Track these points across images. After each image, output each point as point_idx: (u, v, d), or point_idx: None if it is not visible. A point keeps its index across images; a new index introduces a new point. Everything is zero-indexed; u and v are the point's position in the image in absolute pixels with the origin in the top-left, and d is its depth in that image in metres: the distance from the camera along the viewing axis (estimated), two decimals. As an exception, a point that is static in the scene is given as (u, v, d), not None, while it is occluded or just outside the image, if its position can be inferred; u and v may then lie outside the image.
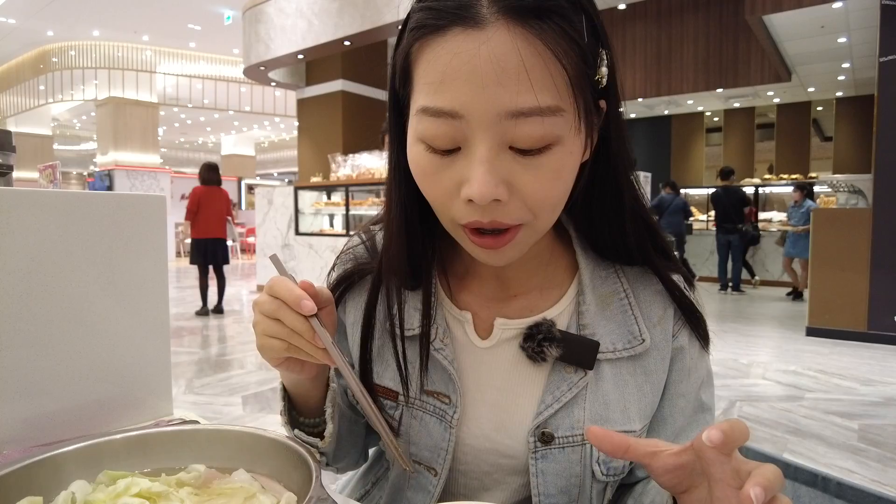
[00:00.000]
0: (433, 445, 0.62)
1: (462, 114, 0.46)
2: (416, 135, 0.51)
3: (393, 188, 0.60)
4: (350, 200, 7.05)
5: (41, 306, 0.70)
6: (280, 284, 0.51)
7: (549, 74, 0.46)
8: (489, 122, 0.46)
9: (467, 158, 0.48)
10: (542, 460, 0.59)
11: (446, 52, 0.46)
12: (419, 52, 0.49)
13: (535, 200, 0.49)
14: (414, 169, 0.53)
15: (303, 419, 0.64)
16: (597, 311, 0.61)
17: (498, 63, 0.45)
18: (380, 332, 0.65)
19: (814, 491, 0.68)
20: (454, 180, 0.49)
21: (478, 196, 0.47)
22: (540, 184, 0.48)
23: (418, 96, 0.50)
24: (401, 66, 0.53)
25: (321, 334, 0.51)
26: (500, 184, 0.47)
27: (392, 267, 0.62)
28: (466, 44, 0.46)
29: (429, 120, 0.48)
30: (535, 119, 0.46)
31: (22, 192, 0.69)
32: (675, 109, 12.25)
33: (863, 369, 4.22)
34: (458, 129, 0.47)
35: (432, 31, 0.48)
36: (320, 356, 0.51)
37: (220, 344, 5.23)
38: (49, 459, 0.50)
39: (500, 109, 0.46)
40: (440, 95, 0.47)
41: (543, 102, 0.46)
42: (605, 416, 0.59)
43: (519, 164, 0.48)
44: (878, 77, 4.95)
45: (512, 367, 0.62)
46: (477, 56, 0.45)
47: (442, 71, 0.47)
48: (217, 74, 17.14)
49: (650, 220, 0.62)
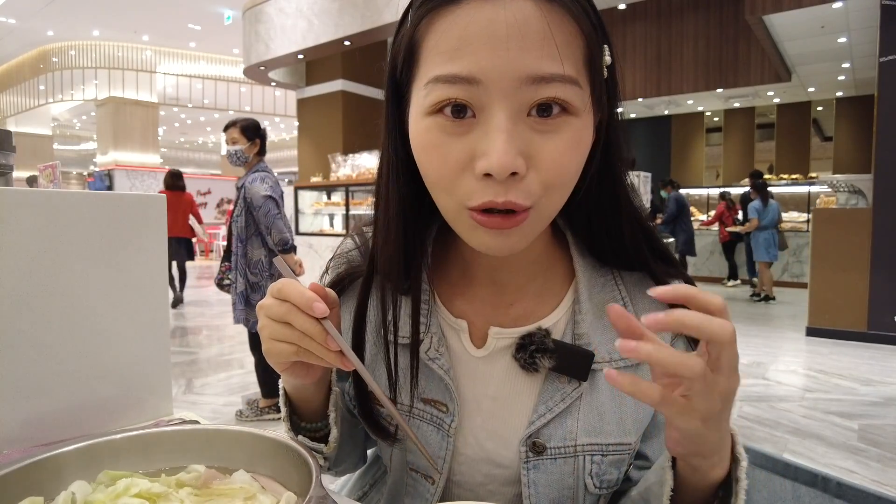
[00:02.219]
0: (432, 454, 0.61)
1: (480, 78, 0.44)
2: (423, 108, 0.48)
3: (390, 185, 0.57)
4: (350, 200, 7.05)
5: (41, 306, 0.70)
6: (289, 287, 0.50)
7: (569, 44, 0.45)
8: (509, 88, 0.44)
9: (483, 128, 0.46)
10: (533, 471, 0.58)
11: (462, 20, 0.45)
12: (428, 26, 0.47)
13: (550, 172, 0.47)
14: (420, 143, 0.50)
15: (304, 424, 0.63)
16: (593, 320, 0.59)
17: (520, 26, 0.43)
18: (372, 338, 0.64)
19: (814, 491, 0.68)
20: (466, 153, 0.47)
21: (497, 167, 0.44)
22: (558, 153, 0.46)
23: (427, 70, 0.48)
24: (405, 46, 0.50)
25: (335, 337, 0.49)
26: (519, 155, 0.45)
27: (387, 270, 0.59)
28: (484, 9, 0.44)
29: (442, 87, 0.46)
30: (557, 85, 0.45)
31: (22, 192, 0.69)
32: (675, 109, 12.25)
33: (863, 369, 4.22)
34: (474, 95, 0.45)
35: (445, 3, 0.46)
36: (332, 359, 0.50)
37: (220, 344, 5.23)
38: (49, 459, 0.50)
39: (521, 74, 0.44)
40: (456, 62, 0.45)
41: (566, 71, 0.45)
42: (599, 428, 0.58)
43: (537, 133, 0.46)
44: (878, 77, 4.95)
45: (506, 377, 0.60)
46: (496, 19, 0.44)
47: (458, 37, 0.45)
48: (217, 74, 17.16)
49: (647, 223, 0.61)
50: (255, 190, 2.95)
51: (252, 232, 3.03)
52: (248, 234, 3.03)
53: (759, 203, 7.17)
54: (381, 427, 0.63)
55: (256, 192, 2.93)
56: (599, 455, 0.58)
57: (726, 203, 8.33)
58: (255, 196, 2.94)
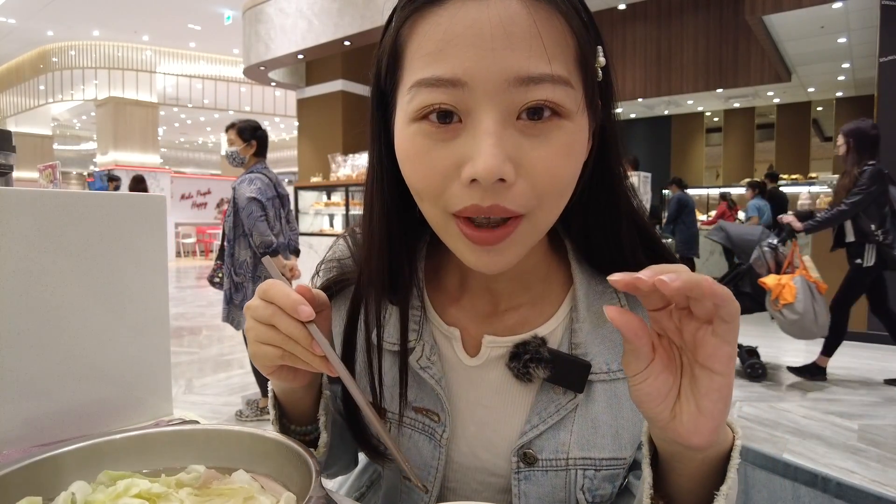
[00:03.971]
0: (423, 463, 0.60)
1: (465, 80, 0.42)
2: (408, 114, 0.46)
3: (374, 193, 0.55)
4: (350, 200, 7.05)
5: (41, 306, 0.70)
6: (275, 288, 0.48)
7: (558, 43, 0.43)
8: (496, 90, 0.42)
9: (470, 133, 0.44)
10: (524, 482, 0.57)
11: (446, 20, 0.43)
12: (411, 28, 0.46)
13: (543, 181, 0.44)
14: (405, 152, 0.47)
15: (294, 427, 0.62)
16: (591, 329, 0.57)
17: (507, 25, 0.42)
18: (362, 346, 0.62)
19: (814, 491, 0.68)
20: (452, 160, 0.44)
21: (483, 173, 0.41)
22: (550, 160, 0.44)
23: (411, 74, 0.45)
24: (388, 51, 0.49)
25: (320, 341, 0.47)
26: (507, 161, 0.42)
27: (372, 279, 0.58)
28: (468, 8, 0.42)
29: (426, 92, 0.44)
30: (546, 86, 0.42)
31: (22, 192, 0.69)
32: (675, 109, 12.24)
33: (863, 369, 4.22)
34: (459, 99, 0.43)
35: (429, 3, 0.44)
36: (317, 364, 0.48)
37: (220, 344, 5.23)
38: (49, 459, 0.50)
39: (508, 75, 0.42)
40: (439, 64, 0.43)
41: (556, 71, 0.43)
42: (593, 441, 0.56)
43: (527, 139, 0.44)
44: (878, 77, 4.95)
45: (500, 386, 0.59)
46: (481, 19, 0.42)
47: (441, 38, 0.43)
48: (217, 74, 17.16)
49: (648, 228, 0.59)
50: (241, 191, 3.02)
51: (239, 233, 3.09)
52: (236, 234, 3.09)
53: (761, 201, 7.17)
54: (369, 444, 0.62)
55: (242, 194, 3.00)
56: (592, 470, 0.56)
57: (727, 203, 8.33)
58: (240, 197, 3.00)
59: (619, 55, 9.02)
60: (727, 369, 0.37)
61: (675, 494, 0.46)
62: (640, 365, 0.39)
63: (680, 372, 0.40)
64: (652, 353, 0.39)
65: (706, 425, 0.38)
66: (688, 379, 0.39)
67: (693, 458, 0.43)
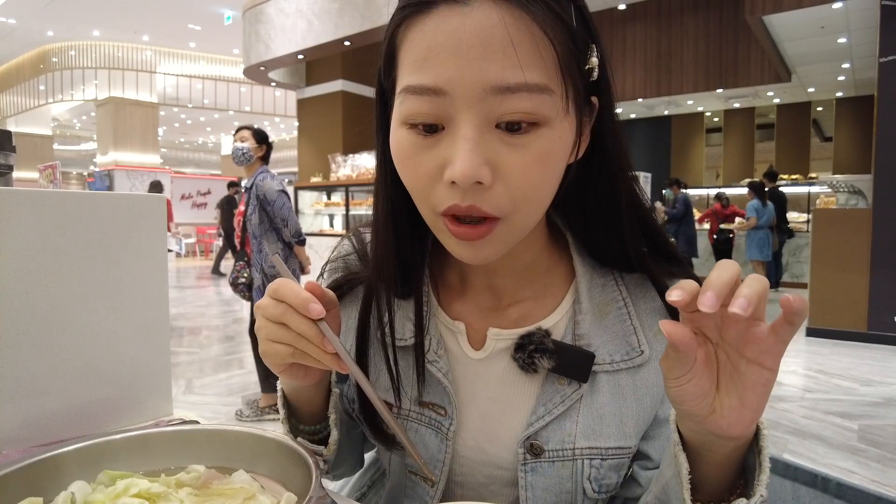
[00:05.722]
0: (430, 457, 0.60)
1: (446, 90, 0.45)
2: (399, 117, 0.49)
3: (380, 187, 0.57)
4: (350, 200, 7.05)
5: (41, 306, 0.70)
6: (285, 287, 0.49)
7: (536, 51, 0.44)
8: (473, 99, 0.44)
9: (451, 138, 0.46)
10: (531, 473, 0.58)
11: (430, 29, 0.45)
12: (404, 33, 0.48)
13: (518, 187, 0.47)
14: (396, 153, 0.50)
15: (303, 426, 0.62)
16: (594, 321, 0.59)
17: (483, 36, 0.43)
18: (373, 342, 0.63)
19: (814, 491, 0.68)
20: (436, 163, 0.47)
21: (460, 176, 0.44)
22: (526, 167, 0.46)
23: (402, 79, 0.48)
24: (385, 52, 0.51)
25: (331, 338, 0.48)
26: (484, 165, 0.45)
27: (381, 274, 0.59)
28: (451, 18, 0.44)
29: (412, 99, 0.46)
30: (523, 95, 0.44)
31: (22, 192, 0.69)
32: (675, 110, 12.25)
33: (863, 369, 4.22)
34: (441, 107, 0.45)
35: (417, 11, 0.46)
36: (328, 361, 0.49)
37: (220, 344, 5.23)
38: (49, 459, 0.50)
39: (485, 84, 0.44)
40: (423, 72, 0.45)
41: (531, 79, 0.44)
42: (599, 431, 0.57)
43: (505, 145, 0.46)
44: (878, 77, 4.95)
45: (505, 378, 0.60)
46: (461, 30, 0.44)
47: (426, 47, 0.45)
48: (217, 74, 17.17)
49: (652, 223, 0.60)
50: (267, 186, 3.06)
51: (266, 228, 3.14)
52: (263, 230, 3.14)
53: (758, 202, 7.17)
54: (382, 432, 0.62)
55: (270, 188, 3.06)
56: (598, 459, 0.57)
57: (721, 203, 8.34)
58: (268, 191, 3.05)
59: (619, 55, 9.03)
60: (777, 365, 0.39)
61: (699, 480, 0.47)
62: (685, 369, 0.40)
63: (717, 367, 0.41)
64: (695, 358, 0.40)
65: (748, 417, 0.40)
66: (728, 374, 0.41)
67: (725, 446, 0.44)
